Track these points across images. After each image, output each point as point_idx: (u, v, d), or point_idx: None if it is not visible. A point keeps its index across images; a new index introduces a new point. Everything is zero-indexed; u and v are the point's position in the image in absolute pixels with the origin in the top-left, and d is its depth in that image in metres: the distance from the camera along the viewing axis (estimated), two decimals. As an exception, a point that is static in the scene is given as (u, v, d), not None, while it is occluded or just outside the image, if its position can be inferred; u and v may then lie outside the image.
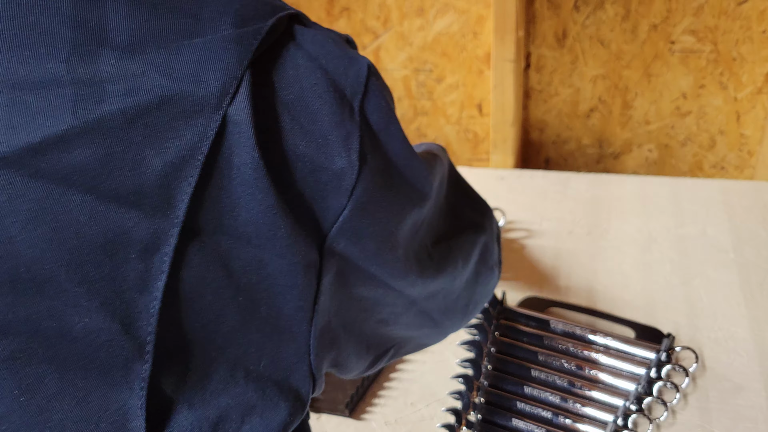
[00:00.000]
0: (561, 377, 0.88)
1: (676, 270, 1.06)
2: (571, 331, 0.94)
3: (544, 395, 0.87)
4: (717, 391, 0.87)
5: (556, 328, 0.95)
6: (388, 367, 0.97)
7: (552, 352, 0.92)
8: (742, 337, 0.94)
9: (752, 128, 1.28)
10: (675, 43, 1.24)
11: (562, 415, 0.84)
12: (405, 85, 1.41)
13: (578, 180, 1.29)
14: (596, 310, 1.00)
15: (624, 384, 0.87)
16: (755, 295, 1.00)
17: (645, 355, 0.90)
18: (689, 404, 0.86)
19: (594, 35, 1.27)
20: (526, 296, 1.04)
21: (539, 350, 0.92)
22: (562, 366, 0.90)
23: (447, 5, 1.30)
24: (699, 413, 0.85)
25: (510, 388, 0.89)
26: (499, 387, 0.89)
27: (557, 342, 0.93)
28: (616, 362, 0.90)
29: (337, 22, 1.39)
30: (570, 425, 0.83)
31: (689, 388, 0.88)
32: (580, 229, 1.17)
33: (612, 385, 0.88)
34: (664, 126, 1.33)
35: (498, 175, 1.33)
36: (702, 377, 0.90)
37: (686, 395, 0.88)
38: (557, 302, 1.02)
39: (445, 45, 1.34)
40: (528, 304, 1.03)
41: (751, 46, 1.21)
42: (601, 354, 0.91)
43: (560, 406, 0.86)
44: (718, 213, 1.17)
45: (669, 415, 0.85)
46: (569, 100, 1.35)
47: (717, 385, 0.88)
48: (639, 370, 0.89)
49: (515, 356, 0.93)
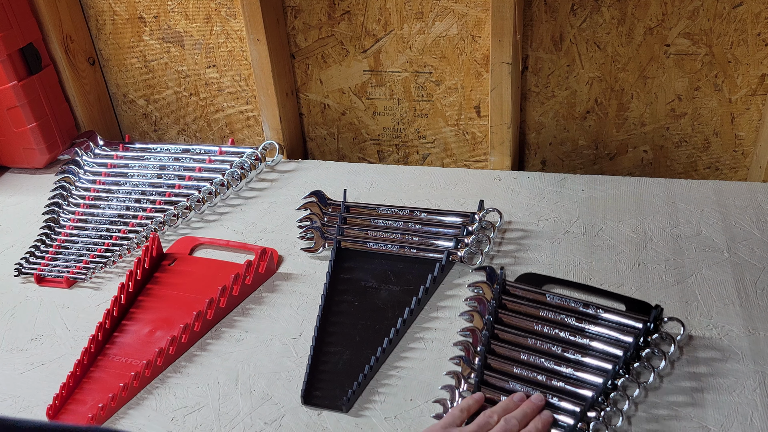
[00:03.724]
0: (555, 345, 0.95)
1: (671, 269, 1.08)
2: (565, 303, 1.00)
3: (539, 361, 0.93)
4: (711, 386, 0.89)
5: (552, 300, 1.01)
6: (387, 363, 0.99)
7: (547, 322, 0.98)
8: (737, 335, 0.96)
9: (746, 130, 1.30)
10: (670, 45, 1.26)
11: (555, 378, 0.91)
12: (405, 87, 1.43)
13: (574, 181, 1.30)
14: (589, 285, 1.06)
15: (614, 351, 0.93)
16: (749, 293, 1.02)
17: (634, 325, 0.96)
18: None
19: (590, 38, 1.29)
20: (524, 272, 1.10)
21: (535, 320, 0.98)
22: (557, 335, 0.96)
23: (446, 9, 1.32)
24: (696, 411, 0.87)
25: (507, 354, 0.95)
26: (496, 353, 0.96)
27: (552, 313, 0.99)
28: (607, 331, 0.96)
29: (338, 26, 1.40)
30: (563, 387, 0.90)
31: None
32: (577, 229, 1.18)
33: (603, 351, 0.94)
34: (659, 127, 1.34)
35: (496, 176, 1.34)
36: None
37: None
38: (553, 278, 1.08)
39: (444, 48, 1.36)
40: (525, 279, 1.08)
41: (745, 49, 1.23)
42: (593, 324, 0.97)
43: (554, 370, 0.92)
44: (712, 213, 1.18)
45: (656, 380, 0.90)
46: (566, 102, 1.36)
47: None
48: (628, 338, 0.94)
49: (512, 326, 0.99)
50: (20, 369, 1.04)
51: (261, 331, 1.06)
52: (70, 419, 0.96)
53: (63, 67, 1.51)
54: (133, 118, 1.67)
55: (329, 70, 1.46)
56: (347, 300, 1.09)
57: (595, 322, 0.96)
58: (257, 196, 1.38)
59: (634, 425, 0.86)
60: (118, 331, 1.09)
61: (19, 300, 1.18)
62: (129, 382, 0.97)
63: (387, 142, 1.51)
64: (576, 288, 1.06)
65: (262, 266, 1.14)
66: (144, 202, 1.35)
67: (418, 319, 1.05)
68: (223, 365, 1.01)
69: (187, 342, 1.04)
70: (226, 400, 0.96)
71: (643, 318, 0.95)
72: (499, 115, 1.33)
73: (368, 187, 1.36)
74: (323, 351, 1.01)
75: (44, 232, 1.31)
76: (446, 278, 1.11)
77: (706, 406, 0.87)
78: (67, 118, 1.56)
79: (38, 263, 1.25)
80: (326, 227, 1.23)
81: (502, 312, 1.00)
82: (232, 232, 1.28)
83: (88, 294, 1.18)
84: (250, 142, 1.60)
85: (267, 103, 1.46)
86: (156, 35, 1.52)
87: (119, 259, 1.25)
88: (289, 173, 1.44)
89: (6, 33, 1.38)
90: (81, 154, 1.47)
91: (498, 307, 1.01)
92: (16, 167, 1.56)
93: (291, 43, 1.45)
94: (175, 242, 1.27)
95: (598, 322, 0.96)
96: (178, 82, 1.57)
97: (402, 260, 1.15)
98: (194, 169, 1.40)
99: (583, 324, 0.97)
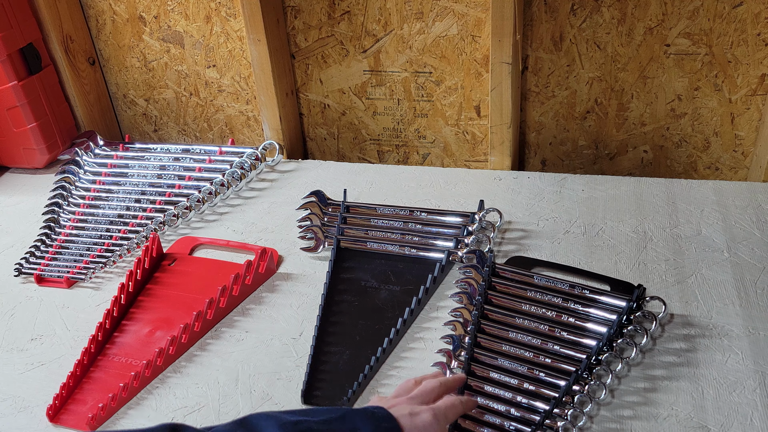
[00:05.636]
0: (542, 323, 0.99)
1: (671, 269, 1.08)
2: (552, 284, 1.04)
3: (527, 338, 0.97)
4: (712, 388, 0.89)
5: (539, 282, 1.05)
6: (387, 363, 0.99)
7: (534, 302, 1.02)
8: (737, 334, 0.96)
9: (746, 130, 1.30)
10: (670, 45, 1.26)
11: (542, 355, 0.94)
12: (405, 87, 1.43)
13: (574, 181, 1.30)
14: (576, 268, 1.09)
15: (599, 328, 0.97)
16: (749, 293, 1.02)
17: (618, 304, 0.99)
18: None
19: (590, 38, 1.29)
20: (513, 255, 1.13)
21: (523, 300, 1.02)
22: (544, 314, 1.00)
23: (446, 9, 1.32)
24: (694, 410, 0.87)
25: (496, 333, 0.99)
26: (486, 332, 0.99)
27: (540, 293, 1.03)
28: (592, 310, 0.99)
29: (338, 26, 1.40)
30: (549, 364, 0.94)
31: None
32: (577, 229, 1.18)
33: (588, 329, 0.98)
34: (659, 127, 1.34)
35: (496, 176, 1.34)
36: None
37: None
38: (541, 261, 1.12)
39: (444, 48, 1.36)
40: (514, 262, 1.11)
41: (745, 49, 1.23)
42: (578, 304, 1.00)
43: (541, 347, 0.96)
44: (712, 213, 1.18)
45: (637, 355, 0.94)
46: (566, 102, 1.36)
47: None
48: (612, 316, 0.98)
49: (501, 306, 1.03)
50: (20, 369, 1.04)
51: (261, 331, 1.06)
52: (70, 419, 0.96)
53: (63, 67, 1.51)
54: (133, 118, 1.67)
55: (329, 70, 1.46)
56: (347, 300, 1.09)
57: (580, 302, 1.00)
58: (257, 196, 1.38)
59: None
60: (118, 331, 1.09)
61: (19, 300, 1.18)
62: (129, 382, 0.97)
63: (387, 142, 1.51)
64: (563, 270, 1.09)
65: (262, 266, 1.14)
66: (144, 202, 1.35)
67: (418, 319, 1.05)
68: (223, 365, 1.01)
69: (187, 342, 1.04)
70: (226, 400, 0.96)
71: (627, 297, 0.99)
72: (499, 115, 1.33)
73: (368, 187, 1.36)
74: (323, 351, 1.01)
75: (44, 232, 1.31)
76: (446, 278, 1.11)
77: (706, 406, 0.87)
78: (67, 118, 1.56)
79: (38, 263, 1.25)
80: (326, 227, 1.23)
81: (491, 293, 1.04)
82: (232, 232, 1.28)
83: (88, 294, 1.18)
84: (250, 142, 1.60)
85: (267, 103, 1.46)
86: (156, 35, 1.52)
87: (119, 259, 1.25)
88: (289, 173, 1.44)
89: (6, 33, 1.38)
90: (81, 154, 1.47)
91: (488, 288, 1.04)
92: (16, 167, 1.56)
93: (291, 43, 1.45)
94: (175, 242, 1.27)
95: (584, 302, 1.00)
96: (178, 82, 1.57)
97: (402, 260, 1.15)
98: (194, 169, 1.40)
99: (570, 304, 1.00)
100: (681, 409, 0.87)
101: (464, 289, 1.05)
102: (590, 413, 0.87)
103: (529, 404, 0.89)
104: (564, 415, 0.87)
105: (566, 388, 0.89)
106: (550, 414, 0.87)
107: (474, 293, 1.04)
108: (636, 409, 0.87)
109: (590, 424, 0.86)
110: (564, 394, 0.88)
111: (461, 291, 1.05)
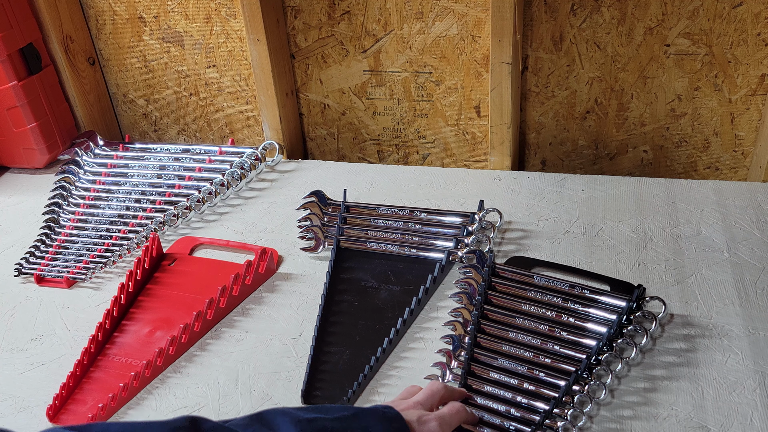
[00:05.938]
0: (542, 323, 0.99)
1: (671, 269, 1.08)
2: (552, 284, 1.04)
3: (527, 338, 0.97)
4: (712, 388, 0.89)
5: (539, 282, 1.04)
6: (387, 363, 0.99)
7: (534, 302, 1.02)
8: (737, 334, 0.96)
9: (746, 130, 1.30)
10: (670, 45, 1.26)
11: (542, 355, 0.94)
12: (405, 87, 1.43)
13: (574, 181, 1.30)
14: (576, 268, 1.09)
15: (598, 328, 0.97)
16: (749, 293, 1.02)
17: (618, 304, 0.99)
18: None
19: (590, 38, 1.29)
20: (513, 255, 1.13)
21: (523, 300, 1.02)
22: (544, 314, 1.00)
23: (446, 9, 1.32)
24: (694, 410, 0.87)
25: (496, 333, 0.99)
26: (486, 332, 0.99)
27: (539, 293, 1.03)
28: (591, 310, 0.99)
29: (338, 26, 1.40)
30: (549, 364, 0.94)
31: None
32: (577, 229, 1.18)
33: (588, 329, 0.98)
34: (659, 128, 1.34)
35: (496, 176, 1.34)
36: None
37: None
38: (540, 261, 1.12)
39: (444, 48, 1.36)
40: (514, 262, 1.12)
41: (745, 49, 1.23)
42: (578, 304, 1.00)
43: (541, 347, 0.96)
44: (712, 213, 1.18)
45: (637, 355, 0.94)
46: (566, 102, 1.36)
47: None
48: (612, 316, 0.98)
49: (501, 306, 1.02)
50: (20, 369, 1.04)
51: (261, 331, 1.06)
52: (70, 419, 0.96)
53: (63, 67, 1.52)
54: (133, 118, 1.67)
55: (329, 70, 1.46)
56: (347, 300, 1.09)
57: (580, 302, 1.00)
58: (257, 196, 1.38)
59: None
60: (118, 331, 1.09)
61: (19, 300, 1.18)
62: (129, 382, 0.97)
63: (387, 142, 1.51)
64: (563, 270, 1.09)
65: (262, 266, 1.14)
66: (144, 202, 1.35)
67: (418, 319, 1.05)
68: (223, 365, 1.01)
69: (187, 342, 1.04)
70: (226, 400, 0.96)
71: (626, 297, 0.99)
72: (499, 115, 1.33)
73: (368, 187, 1.36)
74: (323, 351, 1.01)
75: (44, 232, 1.31)
76: (446, 278, 1.11)
77: (706, 406, 0.87)
78: (67, 118, 1.56)
79: (38, 263, 1.25)
80: (326, 227, 1.23)
81: (491, 293, 1.04)
82: (232, 232, 1.28)
83: (88, 294, 1.18)
84: (250, 142, 1.60)
85: (267, 103, 1.46)
86: (156, 35, 1.52)
87: (119, 259, 1.25)
88: (289, 173, 1.44)
89: (6, 33, 1.38)
90: (81, 154, 1.47)
91: (488, 288, 1.04)
92: (16, 167, 1.56)
93: (291, 43, 1.45)
94: (175, 242, 1.27)
95: (584, 302, 1.00)
96: (178, 82, 1.57)
97: (402, 260, 1.15)
98: (194, 169, 1.40)
99: (569, 304, 1.00)
100: (681, 409, 0.87)
101: (464, 289, 1.05)
102: (590, 413, 0.87)
103: (529, 404, 0.89)
104: (564, 415, 0.87)
105: (566, 388, 0.89)
106: (550, 414, 0.87)
107: (474, 293, 1.04)
108: (636, 409, 0.87)
109: (590, 424, 0.87)
110: (564, 394, 0.89)
111: (461, 291, 1.05)
